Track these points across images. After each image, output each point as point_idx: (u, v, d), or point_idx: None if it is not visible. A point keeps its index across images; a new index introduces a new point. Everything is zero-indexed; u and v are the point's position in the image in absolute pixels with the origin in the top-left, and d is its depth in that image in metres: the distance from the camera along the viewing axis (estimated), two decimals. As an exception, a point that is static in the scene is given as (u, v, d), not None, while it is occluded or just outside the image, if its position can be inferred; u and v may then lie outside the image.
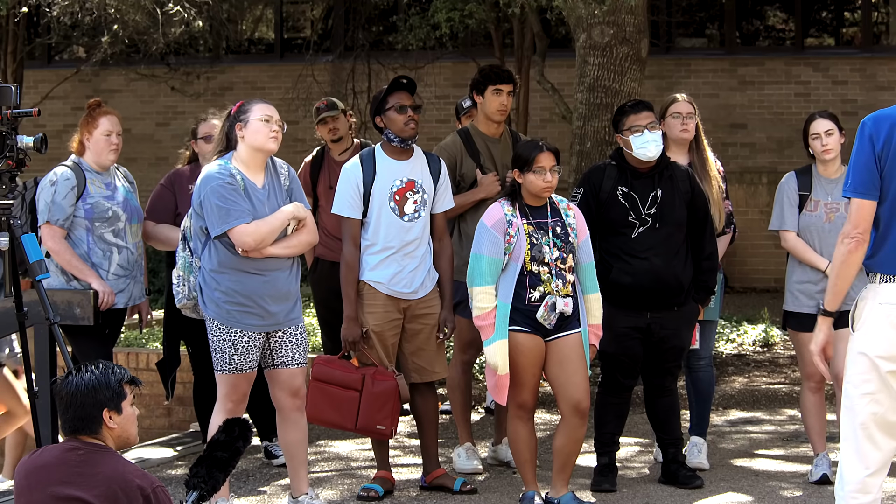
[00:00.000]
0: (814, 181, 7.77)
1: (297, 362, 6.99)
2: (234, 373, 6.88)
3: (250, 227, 6.80)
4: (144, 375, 9.83)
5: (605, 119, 10.09)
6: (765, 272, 14.70)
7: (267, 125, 6.87)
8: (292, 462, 7.11)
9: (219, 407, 6.95)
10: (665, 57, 15.83)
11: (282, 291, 6.91)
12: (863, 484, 5.31)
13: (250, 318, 6.84)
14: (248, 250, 6.81)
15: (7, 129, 6.42)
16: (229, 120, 6.98)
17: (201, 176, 6.95)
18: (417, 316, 7.49)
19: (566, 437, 7.14)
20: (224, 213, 6.78)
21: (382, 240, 7.41)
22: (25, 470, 4.81)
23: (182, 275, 7.02)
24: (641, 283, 7.46)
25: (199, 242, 6.93)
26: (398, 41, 14.72)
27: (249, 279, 6.84)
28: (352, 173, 7.48)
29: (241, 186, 6.84)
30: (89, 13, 13.41)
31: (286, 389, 7.00)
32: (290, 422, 7.05)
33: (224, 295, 6.84)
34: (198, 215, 6.90)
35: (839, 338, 7.66)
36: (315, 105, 9.13)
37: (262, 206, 6.88)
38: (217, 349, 6.89)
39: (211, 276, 6.87)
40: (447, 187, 7.62)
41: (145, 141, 16.81)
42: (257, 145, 6.88)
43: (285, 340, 6.96)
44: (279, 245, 6.90)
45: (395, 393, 7.34)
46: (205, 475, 4.84)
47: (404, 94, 7.51)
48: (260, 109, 6.90)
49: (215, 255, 6.86)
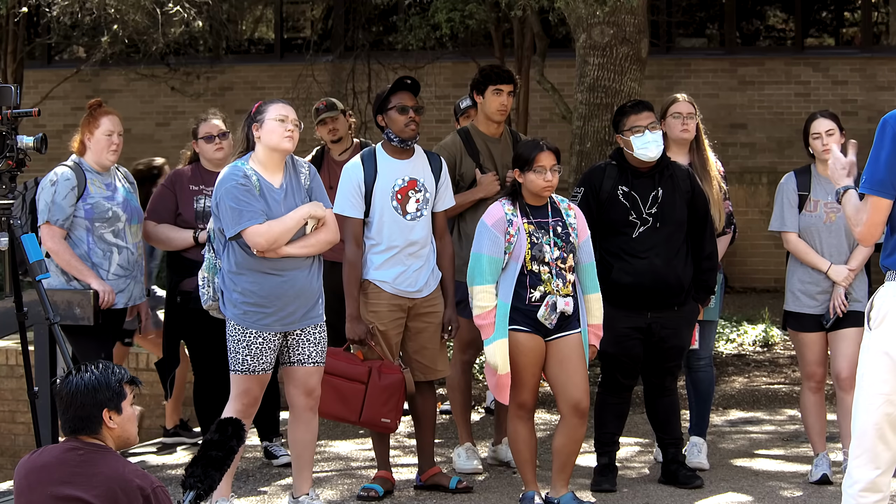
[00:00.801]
0: (813, 181, 7.77)
1: (313, 361, 7.00)
2: (246, 373, 6.89)
3: (262, 227, 6.80)
4: (144, 375, 9.85)
5: (605, 119, 10.08)
6: (765, 272, 14.70)
7: (282, 125, 6.88)
8: (298, 461, 7.11)
9: (229, 406, 6.96)
10: (665, 57, 15.83)
11: (301, 291, 6.90)
12: (873, 483, 5.31)
13: (266, 319, 6.84)
14: (261, 251, 6.81)
15: (7, 129, 6.43)
16: (248, 121, 7.00)
17: (218, 178, 6.97)
18: (421, 314, 7.49)
19: (566, 437, 7.14)
20: (237, 215, 6.79)
21: (386, 239, 7.42)
22: (25, 470, 4.81)
23: (207, 276, 7.03)
24: (642, 282, 7.46)
25: (220, 244, 6.96)
26: (398, 41, 14.72)
27: (267, 279, 6.84)
28: (353, 173, 7.48)
29: (256, 187, 6.85)
30: (89, 13, 13.40)
31: (301, 388, 7.00)
32: (301, 421, 7.05)
33: (241, 296, 6.85)
34: (216, 217, 6.93)
35: (840, 338, 7.70)
36: (314, 106, 9.13)
37: (278, 206, 6.88)
38: (232, 349, 6.90)
39: (230, 278, 6.89)
40: (448, 186, 7.63)
41: (145, 141, 16.79)
42: (272, 145, 6.89)
43: (303, 339, 6.96)
44: (296, 245, 6.90)
45: (401, 386, 7.36)
46: (200, 474, 4.84)
47: (407, 95, 7.51)
48: (276, 109, 6.92)
49: (233, 256, 6.88)
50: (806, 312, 7.71)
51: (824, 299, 7.68)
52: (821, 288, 7.67)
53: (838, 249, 7.68)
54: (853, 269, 7.64)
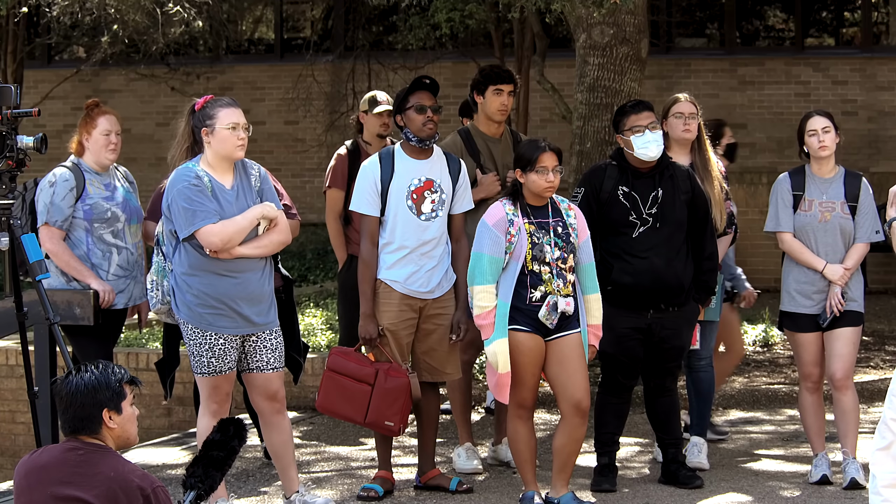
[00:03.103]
0: (807, 181, 7.77)
1: (272, 367, 6.95)
2: (213, 375, 6.86)
3: (216, 227, 6.76)
4: (144, 375, 9.84)
5: (605, 119, 10.09)
6: (765, 272, 14.66)
7: (234, 133, 6.83)
8: (280, 463, 7.13)
9: (203, 410, 6.94)
10: (665, 57, 15.83)
11: (254, 293, 6.87)
12: None
13: (223, 321, 6.81)
14: (215, 251, 6.77)
15: (7, 129, 6.43)
16: (194, 119, 6.95)
17: (169, 179, 6.95)
18: (431, 316, 7.48)
19: (566, 437, 7.14)
20: (190, 215, 6.76)
21: (399, 238, 7.41)
22: (25, 470, 4.81)
23: (155, 279, 6.99)
24: (642, 282, 7.46)
25: (170, 246, 6.92)
26: (398, 41, 14.72)
27: (221, 281, 6.81)
28: (370, 171, 7.48)
29: (208, 188, 6.81)
30: (89, 13, 13.41)
31: (263, 394, 6.99)
32: (271, 425, 7.06)
33: (196, 298, 6.81)
34: (167, 219, 6.90)
35: (835, 338, 7.69)
36: (373, 94, 8.87)
37: (230, 207, 6.84)
38: (194, 353, 6.86)
39: (182, 280, 6.84)
40: (466, 188, 7.60)
41: (145, 141, 16.80)
42: (224, 154, 6.86)
43: (260, 345, 6.93)
44: (249, 245, 6.86)
45: (406, 390, 7.35)
46: (201, 475, 4.84)
47: (425, 95, 7.51)
48: (226, 116, 6.83)
49: (186, 257, 6.84)
50: (802, 312, 7.71)
51: (820, 299, 7.68)
52: (816, 288, 7.67)
53: (833, 248, 7.68)
54: (849, 269, 7.64)
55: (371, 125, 8.72)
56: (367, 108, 8.74)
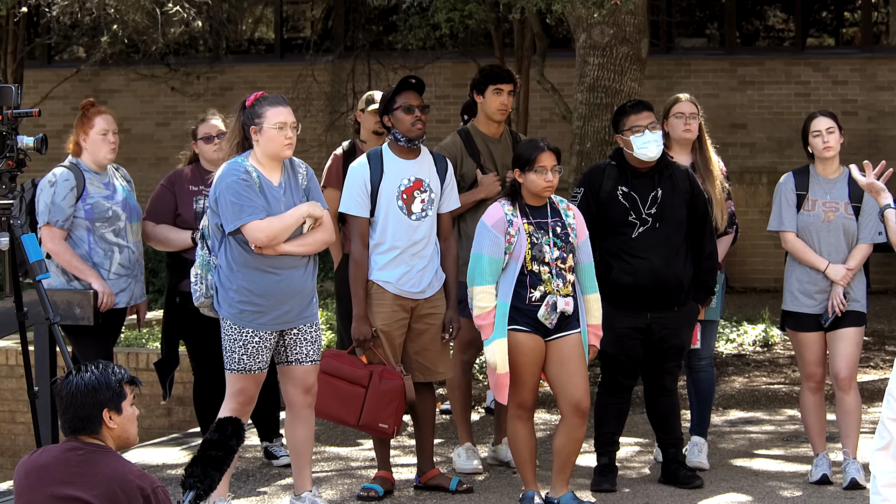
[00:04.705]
0: (811, 180, 7.77)
1: (311, 360, 7.00)
2: (242, 372, 6.89)
3: (263, 223, 6.79)
4: (144, 375, 9.83)
5: (605, 119, 10.08)
6: (765, 272, 14.70)
7: (281, 132, 6.86)
8: (298, 459, 7.11)
9: (225, 405, 6.96)
10: (665, 57, 15.83)
11: (297, 289, 6.91)
12: None
13: (261, 318, 6.84)
14: (261, 247, 6.81)
15: (7, 129, 6.43)
16: (244, 114, 6.98)
17: (218, 173, 6.96)
18: (423, 316, 7.49)
19: (566, 437, 7.14)
20: (238, 209, 6.78)
21: (390, 239, 7.42)
22: (25, 470, 4.81)
23: (200, 273, 7.02)
24: (642, 282, 7.46)
25: (215, 240, 6.95)
26: (398, 41, 14.73)
27: (263, 277, 6.84)
28: (359, 172, 7.48)
29: (256, 184, 6.85)
30: (89, 13, 13.42)
31: (299, 386, 7.01)
32: (300, 419, 7.05)
33: (237, 294, 6.84)
34: (214, 212, 6.91)
35: (838, 338, 7.70)
36: (371, 93, 8.82)
37: (277, 204, 6.88)
38: (228, 348, 6.90)
39: (226, 275, 6.88)
40: (453, 187, 7.62)
41: (145, 141, 16.81)
42: (272, 153, 6.89)
43: (300, 338, 6.97)
44: (293, 243, 6.90)
45: (400, 392, 7.34)
46: (200, 474, 4.84)
47: (412, 94, 7.51)
48: (274, 115, 6.86)
49: (230, 253, 6.87)
50: (804, 312, 7.71)
51: (822, 299, 7.68)
52: (819, 287, 7.67)
53: (836, 248, 7.68)
54: (851, 269, 7.64)
55: (367, 122, 8.73)
56: (363, 106, 8.77)
